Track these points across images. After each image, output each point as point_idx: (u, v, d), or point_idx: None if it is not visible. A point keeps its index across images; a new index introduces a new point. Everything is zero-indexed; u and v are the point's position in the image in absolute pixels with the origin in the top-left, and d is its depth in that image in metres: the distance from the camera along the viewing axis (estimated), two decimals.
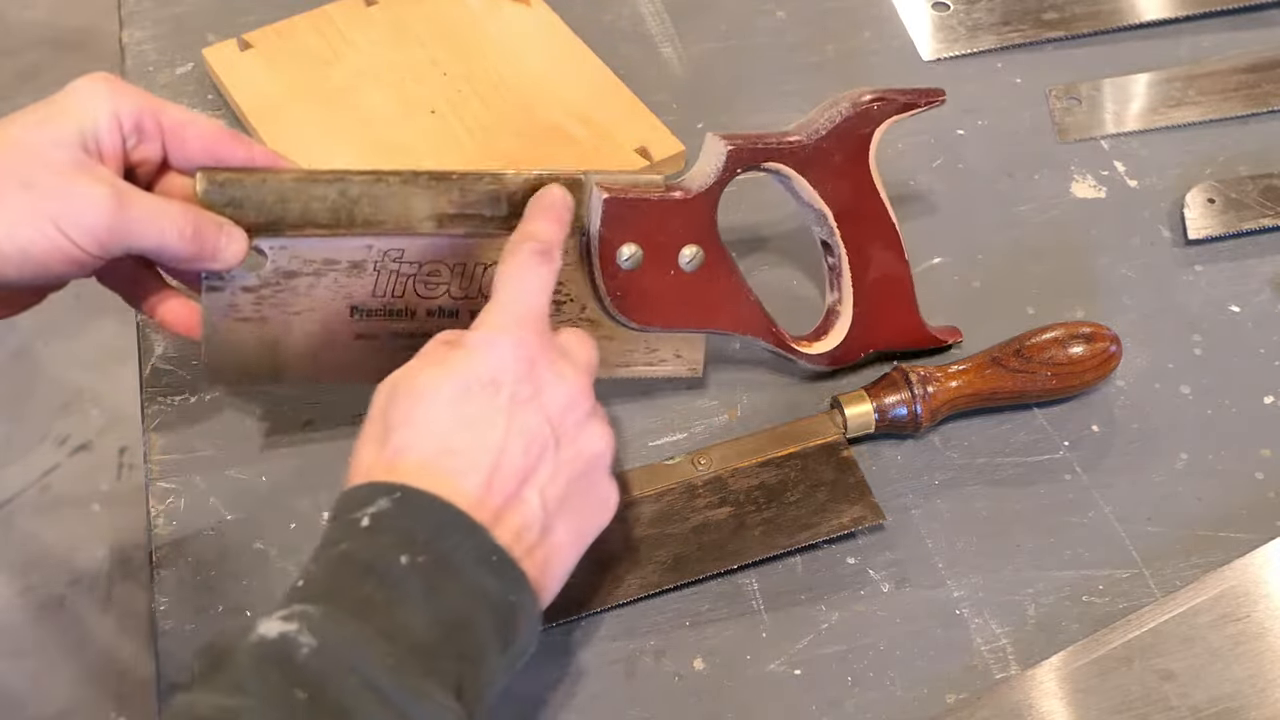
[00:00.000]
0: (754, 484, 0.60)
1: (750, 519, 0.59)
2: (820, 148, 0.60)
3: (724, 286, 0.61)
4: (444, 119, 0.77)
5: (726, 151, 0.59)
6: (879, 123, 0.61)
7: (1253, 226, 0.73)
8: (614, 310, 0.60)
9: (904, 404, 0.61)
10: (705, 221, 0.59)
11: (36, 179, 0.48)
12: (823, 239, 0.64)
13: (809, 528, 0.59)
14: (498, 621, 0.45)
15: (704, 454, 0.61)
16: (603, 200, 0.57)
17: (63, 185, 0.49)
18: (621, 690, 0.55)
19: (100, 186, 0.49)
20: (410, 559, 0.44)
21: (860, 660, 0.56)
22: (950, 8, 0.87)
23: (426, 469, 0.46)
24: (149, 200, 0.51)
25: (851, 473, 0.60)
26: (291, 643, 0.41)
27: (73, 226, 0.48)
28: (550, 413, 0.48)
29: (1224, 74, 0.82)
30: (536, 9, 0.84)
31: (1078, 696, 0.54)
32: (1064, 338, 0.63)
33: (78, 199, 0.49)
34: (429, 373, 0.48)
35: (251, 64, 0.80)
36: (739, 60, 0.84)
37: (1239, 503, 0.62)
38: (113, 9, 0.86)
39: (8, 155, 0.49)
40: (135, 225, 0.50)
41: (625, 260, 0.58)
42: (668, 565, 0.58)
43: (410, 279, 0.58)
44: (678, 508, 0.59)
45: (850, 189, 0.62)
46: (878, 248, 0.64)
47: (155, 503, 0.61)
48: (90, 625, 1.42)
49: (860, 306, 0.64)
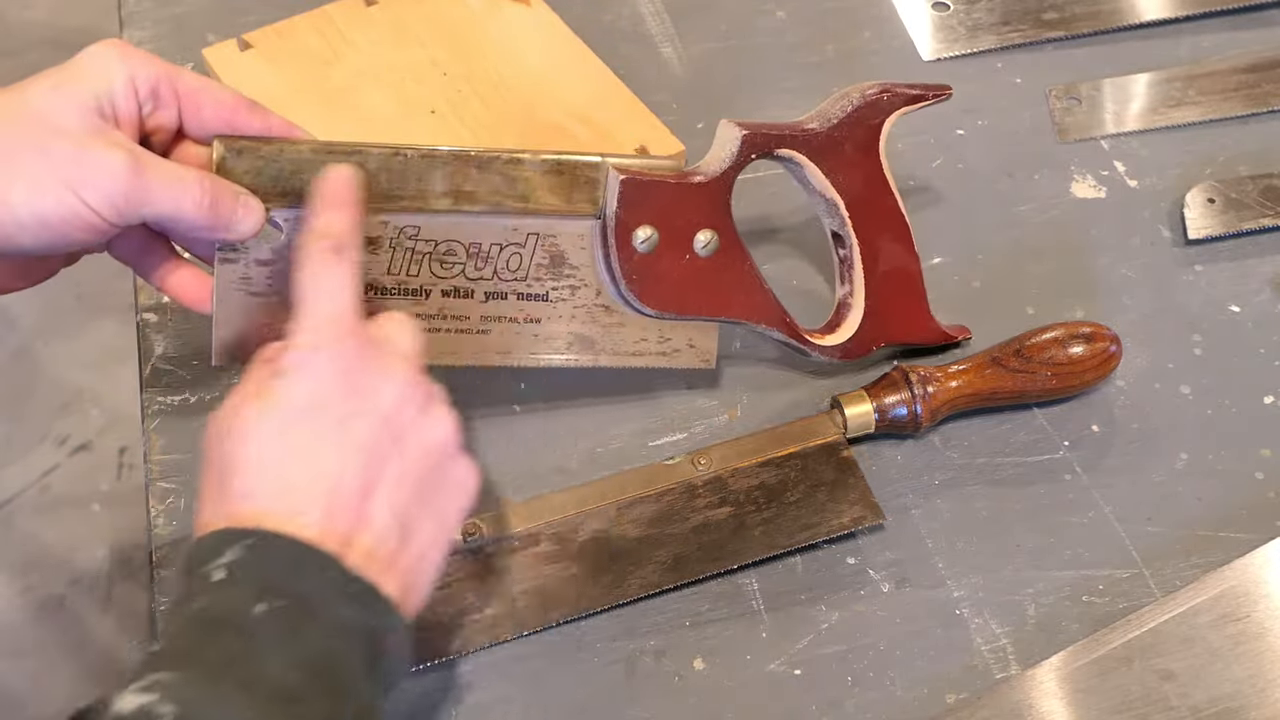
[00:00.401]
0: (754, 484, 0.60)
1: (750, 519, 0.59)
2: (832, 136, 0.61)
3: (738, 274, 0.61)
4: (444, 119, 0.77)
5: (741, 136, 0.59)
6: (888, 114, 0.62)
7: (1253, 226, 0.73)
8: (629, 295, 0.59)
9: (904, 404, 0.61)
10: (720, 206, 0.60)
11: (52, 145, 0.47)
12: (834, 230, 0.65)
13: (809, 528, 0.59)
14: (365, 650, 0.44)
15: (704, 454, 0.61)
16: (619, 181, 0.57)
17: (79, 151, 0.48)
18: (621, 690, 0.55)
19: (117, 151, 0.48)
20: (267, 606, 0.42)
21: (860, 660, 0.56)
22: (950, 8, 0.87)
23: (268, 510, 0.44)
24: (166, 166, 0.50)
25: (851, 473, 0.60)
26: (150, 714, 0.39)
27: (90, 192, 0.47)
28: (384, 414, 0.47)
29: (1224, 74, 0.82)
30: (536, 9, 0.84)
31: (1078, 696, 0.54)
32: (1064, 338, 0.63)
33: (95, 164, 0.48)
34: (251, 408, 0.46)
35: (251, 64, 0.80)
36: (739, 60, 0.84)
37: (1239, 503, 0.62)
38: (113, 9, 0.86)
39: (23, 121, 0.48)
40: (152, 192, 0.49)
41: (641, 243, 0.58)
42: (668, 565, 0.58)
43: (426, 257, 0.57)
44: (678, 508, 0.59)
45: (862, 179, 0.62)
46: (888, 239, 0.64)
47: (155, 503, 0.61)
48: (90, 625, 1.42)
49: (871, 300, 0.64)
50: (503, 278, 0.58)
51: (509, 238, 0.58)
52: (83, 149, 0.48)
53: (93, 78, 0.50)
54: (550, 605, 0.57)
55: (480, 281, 0.58)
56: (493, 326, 0.59)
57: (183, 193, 0.50)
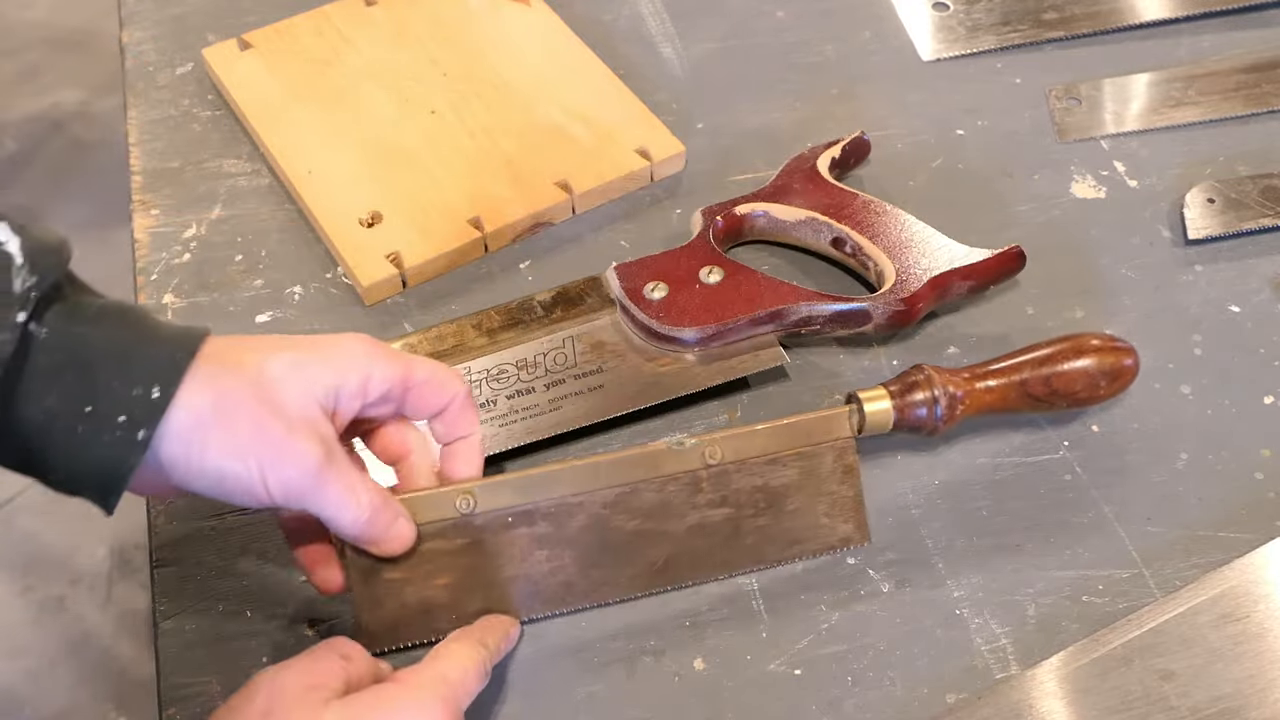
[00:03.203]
0: (757, 484, 0.59)
1: (746, 524, 0.59)
2: (777, 185, 0.72)
3: (755, 280, 0.65)
4: (444, 119, 0.77)
5: (700, 211, 0.70)
6: (815, 159, 0.73)
7: (1253, 226, 0.73)
8: (661, 328, 0.64)
9: (926, 404, 0.60)
10: (708, 253, 0.67)
11: (267, 423, 0.48)
12: (831, 239, 0.69)
13: (798, 543, 0.59)
14: None
15: (715, 444, 0.58)
16: (614, 267, 0.66)
17: (286, 435, 0.48)
18: (621, 690, 0.55)
19: (316, 449, 0.49)
20: None
21: (860, 660, 0.56)
22: (950, 8, 0.87)
23: None
24: (346, 476, 0.50)
25: (852, 486, 0.59)
26: None
27: (273, 475, 0.48)
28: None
29: (1224, 74, 0.82)
30: (536, 9, 0.84)
31: (1078, 696, 0.54)
32: (1096, 374, 0.61)
33: (292, 453, 0.48)
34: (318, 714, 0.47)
35: (251, 64, 0.80)
36: (739, 60, 0.84)
37: (1239, 503, 0.62)
38: (113, 9, 0.86)
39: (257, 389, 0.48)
40: (324, 496, 0.50)
41: (652, 291, 0.65)
42: (658, 568, 0.58)
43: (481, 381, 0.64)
44: (678, 501, 0.58)
45: (822, 196, 0.70)
46: (876, 217, 0.69)
47: (155, 503, 0.61)
48: (90, 625, 1.42)
49: (897, 262, 0.67)
50: (554, 372, 0.64)
51: (548, 347, 0.65)
52: (290, 435, 0.48)
53: (333, 371, 0.50)
54: (537, 595, 0.56)
55: (536, 380, 0.64)
56: (563, 403, 0.63)
57: (347, 506, 0.50)
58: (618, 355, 0.65)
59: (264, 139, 0.76)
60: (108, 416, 0.45)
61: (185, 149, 0.78)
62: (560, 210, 0.73)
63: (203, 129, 0.79)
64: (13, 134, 1.96)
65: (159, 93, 0.81)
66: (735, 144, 0.78)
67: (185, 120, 0.80)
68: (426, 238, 0.70)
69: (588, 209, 0.74)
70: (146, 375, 0.46)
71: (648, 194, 0.76)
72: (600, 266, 0.68)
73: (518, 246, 0.73)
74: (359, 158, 0.75)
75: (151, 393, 0.45)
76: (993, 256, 0.67)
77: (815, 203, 0.70)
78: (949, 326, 0.69)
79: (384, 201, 0.72)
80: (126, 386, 0.45)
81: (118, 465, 0.45)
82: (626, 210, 0.75)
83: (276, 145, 0.75)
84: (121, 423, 0.45)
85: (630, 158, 0.75)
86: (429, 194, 0.73)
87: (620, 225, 0.74)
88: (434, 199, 0.72)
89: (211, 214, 0.74)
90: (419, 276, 0.70)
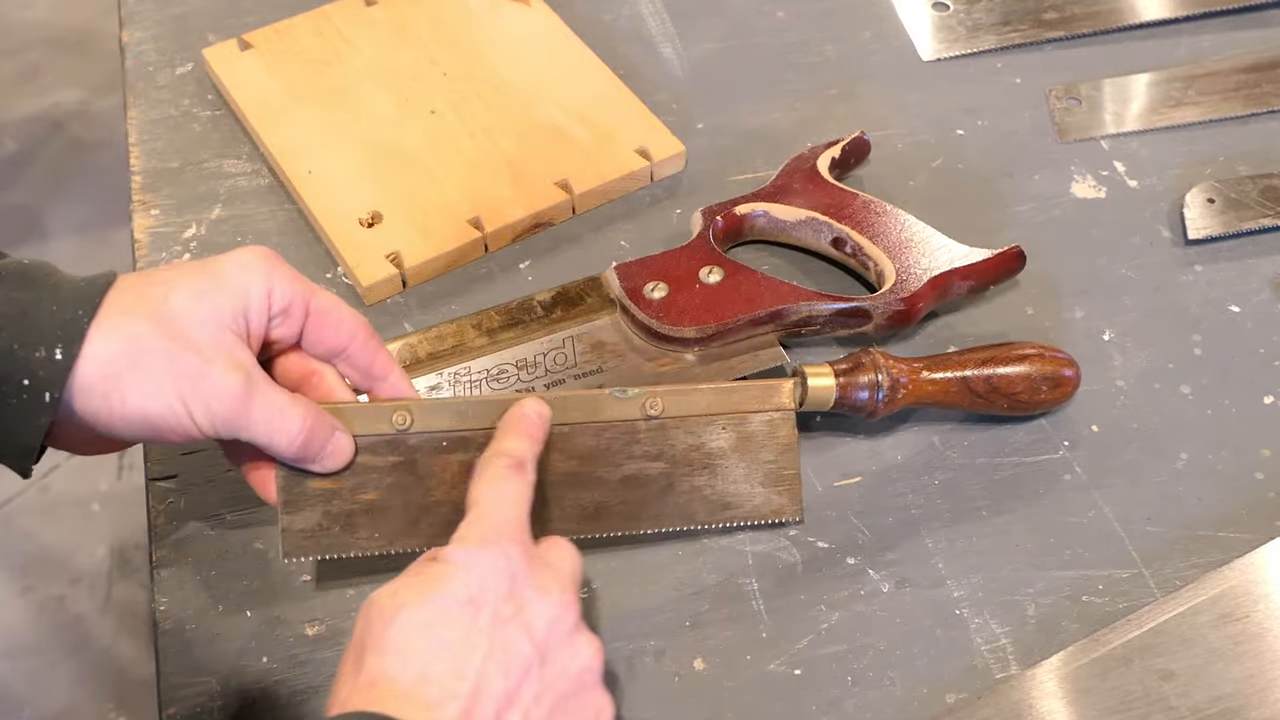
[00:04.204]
0: (694, 443, 0.58)
1: (680, 482, 0.58)
2: (777, 185, 0.72)
3: (755, 280, 0.66)
4: (444, 119, 0.77)
5: (700, 211, 0.70)
6: (815, 159, 0.72)
7: (1253, 226, 0.73)
8: (661, 328, 0.64)
9: (868, 387, 0.60)
10: (711, 253, 0.67)
11: (180, 356, 0.48)
12: (831, 239, 0.69)
13: (729, 508, 0.59)
14: None
15: (658, 397, 0.58)
16: (614, 267, 0.66)
17: (202, 367, 0.48)
18: (621, 690, 0.55)
19: (234, 374, 0.48)
20: None
21: (860, 660, 0.56)
22: (950, 8, 0.87)
23: (403, 697, 0.43)
24: (274, 398, 0.50)
25: (788, 458, 0.59)
26: None
27: (198, 408, 0.48)
28: (534, 630, 0.46)
29: (1224, 74, 0.82)
30: (536, 9, 0.84)
31: (1078, 696, 0.54)
32: (1036, 379, 0.62)
33: (211, 384, 0.48)
34: (405, 594, 0.46)
35: (251, 64, 0.80)
36: (739, 60, 0.84)
37: (1239, 503, 0.62)
38: (113, 9, 0.86)
39: (160, 324, 0.48)
40: (254, 420, 0.49)
41: (652, 291, 0.65)
42: (588, 513, 0.57)
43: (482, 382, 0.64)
44: (615, 449, 0.58)
45: (822, 196, 0.70)
46: (876, 217, 0.69)
47: (155, 503, 0.61)
48: (90, 625, 1.42)
49: (898, 261, 0.67)
50: (554, 372, 0.64)
51: (548, 347, 0.65)
52: (206, 366, 0.48)
53: (233, 291, 0.50)
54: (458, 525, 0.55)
55: (536, 380, 0.64)
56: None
57: (280, 427, 0.50)
58: (618, 355, 0.65)
59: (264, 139, 0.76)
60: (11, 380, 0.45)
61: (185, 149, 0.78)
62: (560, 210, 0.73)
63: (203, 129, 0.79)
64: (13, 134, 1.96)
65: (159, 93, 0.81)
66: (735, 144, 0.78)
67: (185, 120, 0.80)
68: (426, 238, 0.70)
69: (588, 209, 0.74)
70: (49, 335, 0.45)
71: (648, 194, 0.76)
72: (600, 266, 0.68)
73: (518, 246, 0.73)
74: (359, 158, 0.75)
75: (55, 353, 0.45)
76: (993, 256, 0.67)
77: (815, 203, 0.70)
78: (949, 326, 0.69)
79: (384, 201, 0.72)
80: (28, 349, 0.45)
81: (27, 429, 0.45)
82: (626, 210, 0.75)
83: (276, 145, 0.75)
84: (26, 385, 0.45)
85: (630, 158, 0.75)
86: (429, 194, 0.73)
87: (620, 225, 0.74)
88: (434, 199, 0.72)
89: (211, 214, 0.74)
90: (419, 276, 0.70)
